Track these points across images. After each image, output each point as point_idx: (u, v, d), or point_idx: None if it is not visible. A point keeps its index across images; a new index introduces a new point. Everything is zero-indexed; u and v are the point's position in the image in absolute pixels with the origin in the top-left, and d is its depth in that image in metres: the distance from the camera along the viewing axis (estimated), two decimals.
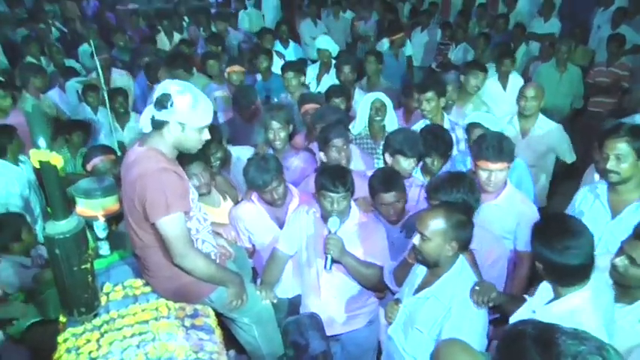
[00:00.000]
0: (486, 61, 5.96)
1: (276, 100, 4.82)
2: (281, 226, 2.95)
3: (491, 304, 2.17)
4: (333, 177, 2.56)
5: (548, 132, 3.85)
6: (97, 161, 3.38)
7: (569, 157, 3.96)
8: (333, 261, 2.63)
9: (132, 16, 9.35)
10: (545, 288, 2.08)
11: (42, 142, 1.96)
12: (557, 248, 1.86)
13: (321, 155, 3.21)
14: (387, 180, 2.78)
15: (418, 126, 3.79)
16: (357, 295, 2.82)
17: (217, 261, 2.42)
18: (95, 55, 3.94)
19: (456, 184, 2.47)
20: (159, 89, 2.18)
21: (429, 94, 3.77)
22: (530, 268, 2.79)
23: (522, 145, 3.71)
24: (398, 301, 2.40)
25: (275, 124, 3.44)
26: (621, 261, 2.04)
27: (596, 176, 3.13)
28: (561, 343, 1.10)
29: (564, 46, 5.43)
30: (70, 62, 6.61)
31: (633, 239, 2.03)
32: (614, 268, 2.07)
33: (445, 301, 2.14)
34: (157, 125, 2.18)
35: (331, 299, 2.80)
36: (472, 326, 2.11)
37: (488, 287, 2.17)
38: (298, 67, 4.94)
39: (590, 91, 5.57)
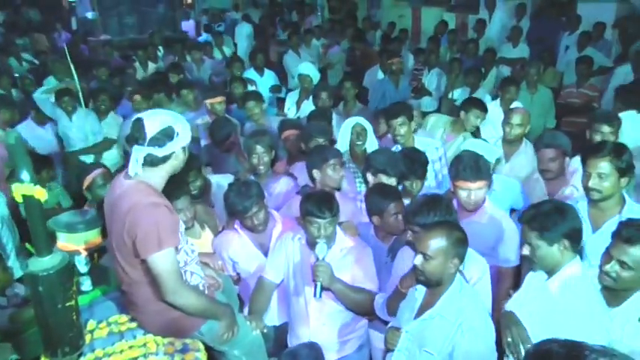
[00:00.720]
0: (459, 85, 6.13)
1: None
2: (265, 253, 2.92)
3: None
4: (318, 202, 2.55)
5: (531, 157, 3.81)
6: (95, 175, 3.28)
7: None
8: (323, 288, 2.59)
9: (104, 47, 9.30)
10: (532, 277, 2.26)
11: (25, 175, 1.89)
12: (554, 213, 2.08)
13: (315, 173, 3.19)
14: (387, 192, 2.84)
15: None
16: (348, 320, 2.78)
17: (206, 292, 2.37)
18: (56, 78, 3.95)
19: (433, 207, 2.49)
20: (149, 127, 2.10)
21: (400, 119, 3.82)
22: (512, 283, 2.84)
23: (506, 170, 3.76)
24: (397, 328, 2.35)
25: (259, 149, 3.44)
26: (612, 267, 2.09)
27: (568, 190, 3.22)
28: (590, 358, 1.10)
29: (533, 69, 5.59)
30: None
31: (621, 243, 2.08)
32: (606, 274, 2.12)
33: (452, 318, 2.11)
34: (162, 161, 2.14)
35: (321, 327, 2.76)
36: (487, 339, 2.10)
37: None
38: (257, 95, 4.95)
39: (562, 111, 5.72)
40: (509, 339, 2.16)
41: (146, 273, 2.13)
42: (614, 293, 2.15)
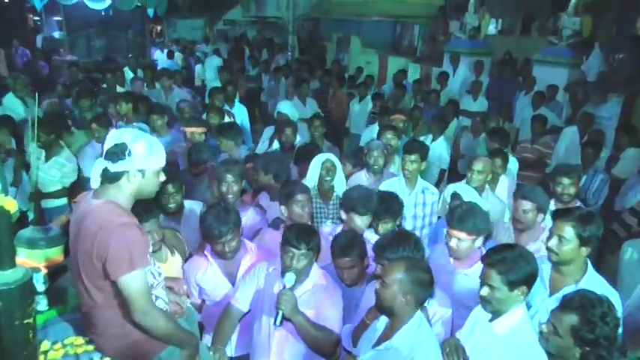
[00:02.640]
0: (424, 131, 6.37)
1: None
2: (233, 282, 2.91)
3: None
4: (298, 233, 2.58)
5: (492, 204, 3.90)
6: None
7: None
8: (284, 318, 2.58)
9: (70, 67, 9.19)
10: (477, 315, 2.40)
11: None
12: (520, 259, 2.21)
13: (282, 209, 3.22)
14: (345, 245, 2.81)
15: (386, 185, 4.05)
16: (308, 358, 2.74)
17: None
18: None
19: (402, 242, 2.58)
20: (109, 140, 2.13)
21: (414, 157, 4.02)
22: None
23: None
24: (355, 356, 2.40)
25: (229, 177, 3.46)
26: (546, 327, 2.18)
27: (535, 246, 3.24)
28: None
29: (493, 122, 5.91)
30: None
31: (558, 310, 2.16)
32: (541, 334, 2.21)
33: (406, 352, 2.16)
34: (114, 178, 2.12)
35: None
36: None
37: (455, 344, 2.29)
38: (228, 130, 4.94)
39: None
40: (448, 349, 2.27)
41: (115, 295, 2.09)
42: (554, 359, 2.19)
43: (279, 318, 2.56)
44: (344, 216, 3.17)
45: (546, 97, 7.69)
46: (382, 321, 2.34)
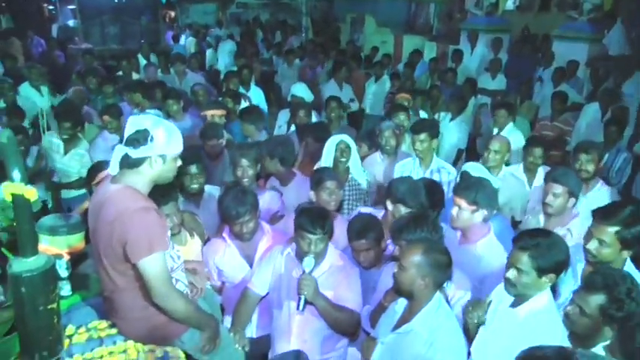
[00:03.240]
0: (439, 111, 6.28)
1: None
2: (251, 263, 2.93)
3: (480, 321, 2.31)
4: (312, 218, 2.57)
5: (509, 186, 3.88)
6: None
7: (519, 216, 3.88)
8: (307, 302, 2.59)
9: (85, 55, 9.23)
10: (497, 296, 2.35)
11: (17, 174, 1.87)
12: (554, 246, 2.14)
13: (311, 195, 3.23)
14: (362, 228, 2.80)
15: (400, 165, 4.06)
16: (329, 338, 2.78)
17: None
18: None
19: (419, 223, 2.55)
20: (130, 127, 2.13)
21: (422, 136, 3.96)
22: None
23: None
24: (374, 339, 2.40)
25: (244, 162, 3.46)
26: (572, 309, 2.15)
27: (562, 231, 3.12)
28: None
29: (511, 100, 5.79)
30: None
31: (583, 291, 2.13)
32: (566, 316, 2.18)
33: (425, 334, 2.16)
34: (135, 164, 2.13)
35: (302, 343, 2.73)
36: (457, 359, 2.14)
37: (479, 304, 2.32)
38: (249, 114, 4.94)
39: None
40: (470, 307, 2.33)
41: (136, 278, 2.11)
42: (579, 340, 2.17)
43: (302, 303, 2.57)
44: (390, 206, 3.08)
45: (566, 74, 7.51)
46: (401, 304, 2.33)
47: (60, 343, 2.15)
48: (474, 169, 3.39)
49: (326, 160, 3.96)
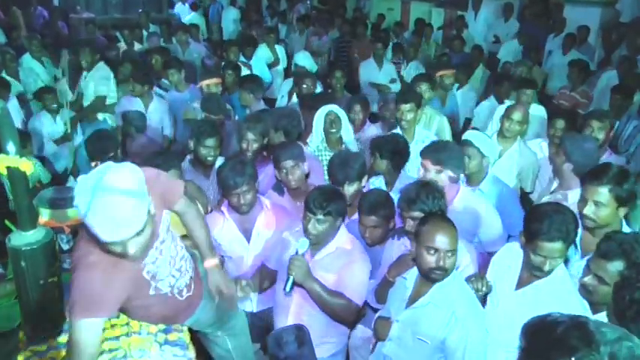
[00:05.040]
0: None
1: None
2: (248, 238, 2.90)
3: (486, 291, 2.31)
4: (317, 198, 2.47)
5: (523, 156, 3.82)
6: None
7: (529, 187, 3.85)
8: (295, 284, 2.50)
9: (87, 24, 9.09)
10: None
11: (11, 147, 1.85)
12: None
13: (276, 173, 3.16)
14: (374, 204, 2.72)
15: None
16: (326, 324, 2.64)
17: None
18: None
19: (430, 192, 2.50)
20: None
21: (409, 106, 3.85)
22: None
23: (498, 165, 3.71)
24: (387, 318, 2.34)
25: (250, 135, 3.42)
26: (590, 279, 2.11)
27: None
28: (594, 329, 1.11)
29: (525, 67, 5.66)
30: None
31: (599, 259, 2.08)
32: (583, 287, 2.15)
33: (444, 306, 2.12)
34: None
35: (299, 321, 2.61)
36: (479, 326, 2.13)
37: (481, 277, 2.33)
38: (247, 83, 4.84)
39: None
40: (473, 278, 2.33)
41: None
42: (593, 307, 2.13)
43: (289, 284, 2.48)
44: (422, 170, 2.99)
45: (577, 40, 7.31)
46: (411, 279, 2.27)
47: (62, 317, 2.17)
48: (474, 137, 3.33)
49: (316, 131, 3.91)
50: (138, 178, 1.65)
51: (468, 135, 3.42)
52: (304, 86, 4.85)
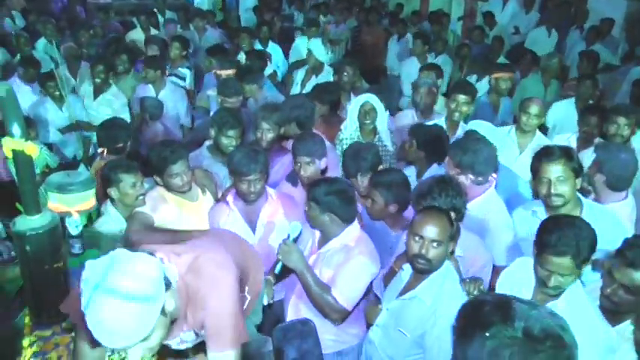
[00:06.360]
0: (468, 72, 6.03)
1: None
2: (253, 229, 2.87)
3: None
4: (318, 189, 2.50)
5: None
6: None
7: None
8: (284, 267, 2.52)
9: (100, 10, 9.07)
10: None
11: (17, 129, 1.82)
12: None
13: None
14: (380, 179, 2.75)
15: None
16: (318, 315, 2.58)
17: None
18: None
19: (444, 188, 2.44)
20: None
21: (466, 98, 3.81)
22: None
23: (520, 161, 3.62)
24: (378, 304, 2.38)
25: (264, 125, 3.37)
26: (615, 289, 2.02)
27: None
28: (517, 307, 1.16)
29: (553, 61, 5.50)
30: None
31: (625, 268, 1.99)
32: (607, 298, 2.06)
33: (428, 301, 2.12)
34: None
35: (296, 312, 2.66)
36: None
37: (476, 279, 2.25)
38: (247, 74, 4.73)
39: None
40: (468, 280, 2.25)
41: None
42: (614, 315, 2.07)
43: (278, 267, 2.53)
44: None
45: (601, 32, 7.10)
46: (407, 271, 2.28)
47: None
48: (479, 126, 3.24)
49: (351, 120, 3.86)
50: (151, 277, 1.42)
51: (472, 124, 3.35)
52: (344, 74, 4.74)
